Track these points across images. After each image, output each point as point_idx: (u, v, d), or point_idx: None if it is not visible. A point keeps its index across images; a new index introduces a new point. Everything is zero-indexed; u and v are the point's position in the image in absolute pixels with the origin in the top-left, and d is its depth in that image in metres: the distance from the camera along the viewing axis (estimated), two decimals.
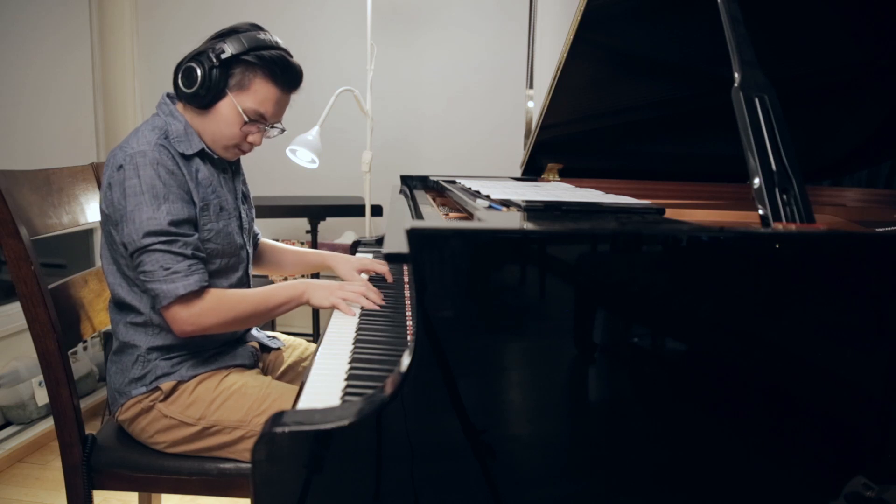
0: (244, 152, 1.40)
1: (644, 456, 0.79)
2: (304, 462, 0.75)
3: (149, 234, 1.22)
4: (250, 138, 1.36)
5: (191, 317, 1.25)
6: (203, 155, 1.35)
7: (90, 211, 1.56)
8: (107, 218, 1.30)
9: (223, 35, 1.31)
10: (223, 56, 1.28)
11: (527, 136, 2.73)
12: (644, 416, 0.78)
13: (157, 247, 1.23)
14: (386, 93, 2.91)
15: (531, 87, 2.71)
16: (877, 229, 1.06)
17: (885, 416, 0.79)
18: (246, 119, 1.32)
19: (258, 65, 1.29)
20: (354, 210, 2.64)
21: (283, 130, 1.40)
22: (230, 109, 1.31)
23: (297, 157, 2.34)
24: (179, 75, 1.30)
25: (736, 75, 0.91)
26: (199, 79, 1.28)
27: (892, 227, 1.28)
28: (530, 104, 2.70)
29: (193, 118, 1.34)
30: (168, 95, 1.38)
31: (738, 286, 0.77)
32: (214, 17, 3.07)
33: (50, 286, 1.34)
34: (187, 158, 1.32)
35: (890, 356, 0.78)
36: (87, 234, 2.99)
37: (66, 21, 2.83)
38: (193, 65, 1.29)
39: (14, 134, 2.56)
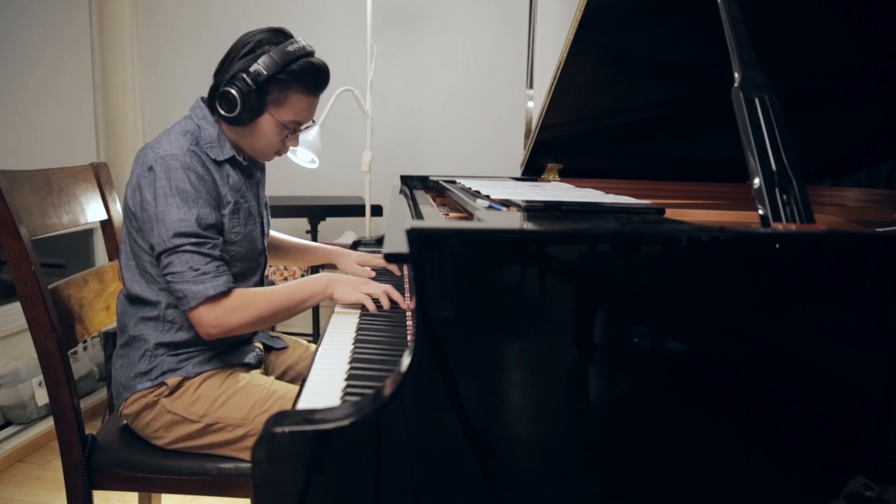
0: (281, 154, 1.45)
1: (644, 456, 0.79)
2: (304, 462, 0.75)
3: (179, 234, 1.23)
4: (288, 142, 1.41)
5: (216, 318, 1.25)
6: (233, 161, 1.38)
7: (90, 211, 1.56)
8: (133, 216, 1.30)
9: (251, 52, 1.30)
10: (259, 79, 1.28)
11: (527, 136, 2.72)
12: (644, 416, 0.78)
13: (187, 248, 1.24)
14: (386, 93, 2.91)
15: (531, 87, 2.70)
16: (877, 229, 1.06)
17: (885, 416, 0.79)
18: (286, 131, 1.37)
19: (291, 80, 1.31)
20: (354, 210, 2.64)
21: (313, 122, 1.44)
22: (269, 124, 1.34)
23: (296, 157, 2.34)
24: (217, 101, 1.31)
25: (736, 75, 0.91)
26: (240, 103, 1.29)
27: (892, 227, 1.28)
28: (530, 104, 2.70)
29: (230, 130, 1.37)
30: (202, 99, 1.38)
31: (739, 286, 0.77)
32: (214, 19, 3.07)
33: (50, 286, 1.35)
34: (218, 164, 1.34)
35: (890, 356, 0.78)
36: (87, 234, 2.98)
37: (67, 22, 2.83)
38: (230, 90, 1.29)
39: (14, 134, 2.56)
